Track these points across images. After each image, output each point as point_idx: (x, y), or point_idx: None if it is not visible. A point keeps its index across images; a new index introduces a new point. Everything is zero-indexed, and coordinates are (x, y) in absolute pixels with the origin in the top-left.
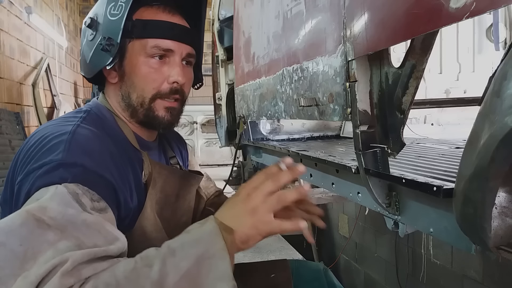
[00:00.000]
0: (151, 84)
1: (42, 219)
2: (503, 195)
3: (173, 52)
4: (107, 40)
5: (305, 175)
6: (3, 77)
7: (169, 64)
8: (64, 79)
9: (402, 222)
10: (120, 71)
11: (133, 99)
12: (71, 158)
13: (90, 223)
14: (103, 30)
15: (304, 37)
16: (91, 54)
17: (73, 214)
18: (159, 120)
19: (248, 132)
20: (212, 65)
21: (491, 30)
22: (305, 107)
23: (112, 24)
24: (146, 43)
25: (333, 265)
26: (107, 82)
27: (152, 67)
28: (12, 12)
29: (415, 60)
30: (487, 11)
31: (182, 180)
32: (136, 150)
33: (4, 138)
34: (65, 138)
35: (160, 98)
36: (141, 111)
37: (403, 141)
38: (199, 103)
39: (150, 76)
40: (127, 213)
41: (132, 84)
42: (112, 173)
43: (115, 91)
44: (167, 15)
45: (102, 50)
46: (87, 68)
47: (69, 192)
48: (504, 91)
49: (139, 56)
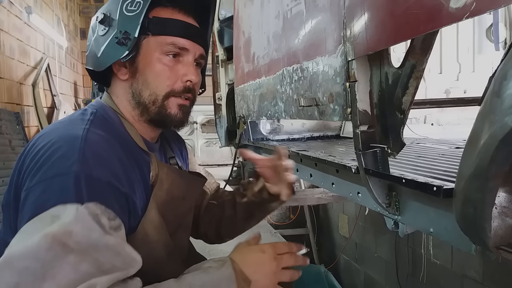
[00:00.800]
0: (165, 81)
1: (67, 244)
2: (503, 195)
3: (188, 51)
4: (123, 34)
5: (305, 175)
6: (3, 77)
7: (183, 63)
8: (64, 79)
9: (402, 222)
10: (132, 68)
11: (145, 97)
12: (87, 169)
13: (111, 246)
14: (119, 25)
15: (304, 37)
16: (103, 47)
17: (96, 238)
18: (172, 118)
19: (248, 132)
20: (212, 65)
21: (491, 30)
22: (305, 107)
23: (129, 19)
24: (163, 40)
25: (333, 265)
26: (116, 79)
27: (167, 64)
28: (12, 12)
29: (415, 60)
30: (487, 11)
31: (188, 183)
32: (144, 152)
33: (4, 138)
34: (78, 146)
35: (173, 96)
36: (152, 108)
37: (403, 141)
38: (199, 103)
39: (164, 73)
40: (136, 218)
41: (145, 81)
42: (123, 182)
43: (124, 88)
44: (182, 16)
45: (117, 43)
46: (98, 62)
47: (90, 214)
48: (504, 91)
49: (154, 52)
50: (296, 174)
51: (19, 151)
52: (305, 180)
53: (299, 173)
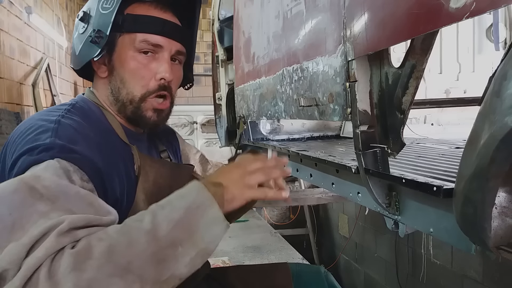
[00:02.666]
0: (140, 81)
1: (35, 187)
2: (503, 195)
3: (162, 48)
4: (96, 32)
5: (305, 175)
6: (3, 77)
7: (158, 60)
8: (64, 79)
9: (402, 222)
10: (109, 66)
11: (122, 95)
12: (59, 141)
13: (83, 196)
14: (94, 23)
15: (304, 37)
16: (81, 46)
17: (66, 184)
18: (146, 120)
19: (248, 132)
20: (212, 65)
21: (491, 30)
22: (305, 107)
23: (103, 17)
24: (136, 37)
25: (333, 265)
26: (97, 76)
27: (141, 62)
28: (12, 12)
29: (415, 60)
30: (487, 11)
31: (173, 171)
32: (125, 144)
33: (4, 138)
34: (51, 127)
35: (149, 97)
36: (129, 107)
37: (403, 141)
38: (199, 103)
39: (139, 72)
40: (113, 203)
41: (122, 79)
42: (98, 159)
43: (104, 85)
44: (158, 12)
45: (91, 42)
46: (76, 60)
47: (61, 167)
48: (504, 91)
49: (128, 50)
50: (296, 174)
51: None
52: (305, 180)
53: (299, 173)
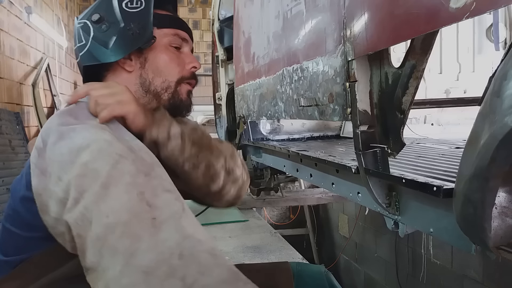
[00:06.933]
0: (176, 68)
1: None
2: (503, 195)
3: (187, 43)
4: (136, 26)
5: (305, 175)
6: (3, 77)
7: (184, 53)
8: (64, 79)
9: (402, 222)
10: (140, 59)
11: (157, 84)
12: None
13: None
14: (122, 20)
15: (304, 37)
16: (113, 41)
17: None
18: (184, 103)
19: (248, 132)
20: (212, 65)
21: (491, 30)
22: (305, 107)
23: (136, 15)
24: (168, 32)
25: (333, 265)
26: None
27: (174, 53)
28: (12, 12)
29: (415, 60)
30: (487, 11)
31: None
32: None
33: (4, 138)
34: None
35: (183, 82)
36: (165, 95)
37: (403, 141)
38: (199, 103)
39: (174, 61)
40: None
41: (156, 69)
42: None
43: (129, 79)
44: (173, 12)
45: (133, 34)
46: (108, 54)
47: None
48: (504, 91)
49: (162, 43)
50: (296, 174)
51: (19, 151)
52: (305, 180)
53: (299, 173)
